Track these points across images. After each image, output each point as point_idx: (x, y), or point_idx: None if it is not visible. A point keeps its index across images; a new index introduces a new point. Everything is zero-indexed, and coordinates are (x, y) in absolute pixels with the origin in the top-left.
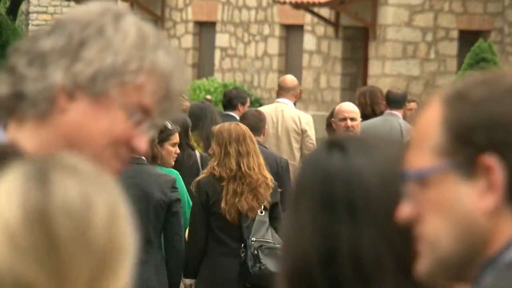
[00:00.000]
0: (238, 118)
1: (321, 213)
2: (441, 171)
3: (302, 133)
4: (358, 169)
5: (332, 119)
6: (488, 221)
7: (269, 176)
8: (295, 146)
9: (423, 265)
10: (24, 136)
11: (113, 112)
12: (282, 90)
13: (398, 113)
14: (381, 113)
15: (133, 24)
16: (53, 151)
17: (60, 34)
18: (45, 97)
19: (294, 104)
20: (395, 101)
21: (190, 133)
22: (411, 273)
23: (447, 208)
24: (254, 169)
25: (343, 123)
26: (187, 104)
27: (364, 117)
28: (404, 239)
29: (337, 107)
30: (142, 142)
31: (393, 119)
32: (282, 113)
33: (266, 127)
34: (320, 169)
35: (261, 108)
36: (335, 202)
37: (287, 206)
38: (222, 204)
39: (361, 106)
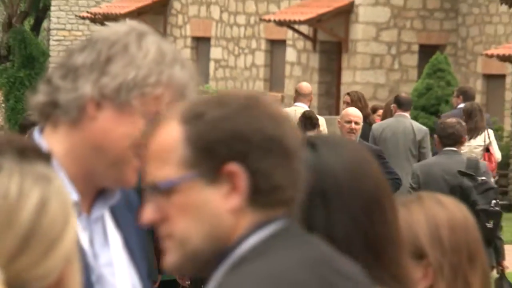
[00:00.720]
0: None
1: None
2: (188, 180)
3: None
4: (327, 163)
5: (338, 120)
6: (232, 219)
7: None
8: None
9: (172, 259)
10: (57, 139)
11: (135, 119)
12: (299, 96)
13: (407, 114)
14: (368, 115)
15: (154, 42)
16: (82, 153)
17: (91, 51)
18: (76, 106)
19: (308, 107)
20: (405, 104)
21: None
22: (378, 251)
23: (195, 210)
24: None
25: (348, 125)
26: None
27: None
28: (370, 221)
29: (344, 111)
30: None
31: (404, 120)
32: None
33: None
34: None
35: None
36: (309, 192)
37: None
38: None
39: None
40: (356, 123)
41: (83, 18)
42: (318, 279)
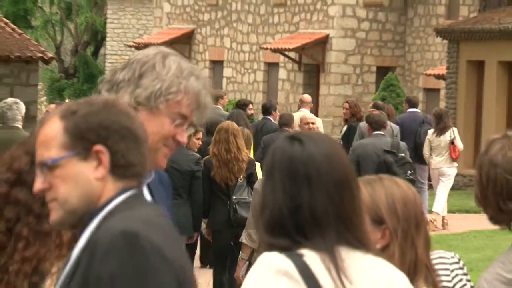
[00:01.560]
0: (273, 120)
1: (288, 182)
2: (66, 158)
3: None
4: (310, 153)
5: (298, 123)
6: (100, 185)
7: (242, 156)
8: None
9: (55, 217)
10: None
11: (162, 119)
12: (303, 103)
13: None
14: (361, 117)
15: (174, 61)
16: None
17: (128, 70)
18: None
19: (310, 111)
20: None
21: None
22: (346, 219)
23: (72, 180)
24: (222, 151)
25: (306, 126)
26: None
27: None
28: (341, 197)
29: (302, 116)
30: (183, 137)
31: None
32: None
33: (294, 123)
34: (286, 154)
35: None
36: (297, 175)
37: (264, 178)
38: (212, 173)
39: (352, 113)
40: (313, 123)
41: (130, 46)
42: (168, 227)
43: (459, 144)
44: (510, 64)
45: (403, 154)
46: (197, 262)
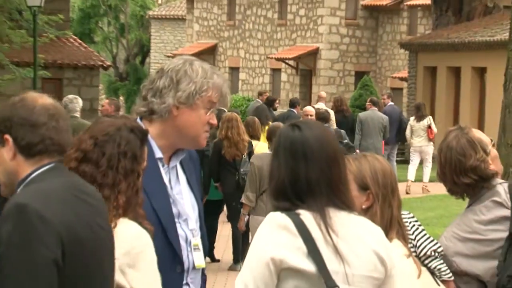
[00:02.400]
0: (296, 112)
1: (290, 159)
2: None
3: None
4: (306, 136)
5: (302, 114)
6: (13, 164)
7: (246, 138)
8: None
9: (3, 188)
10: (153, 129)
11: (199, 112)
12: (320, 98)
13: (376, 109)
14: (347, 109)
15: (198, 65)
16: (169, 134)
17: (165, 78)
18: (166, 111)
19: (324, 104)
20: (376, 104)
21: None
22: (335, 188)
23: (1, 162)
24: (235, 134)
25: (306, 117)
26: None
27: (338, 112)
28: (330, 171)
29: (304, 108)
30: (214, 120)
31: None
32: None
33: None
34: (288, 137)
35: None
36: (296, 154)
37: (272, 156)
38: (222, 152)
39: (336, 106)
40: (311, 115)
41: (168, 56)
42: (70, 193)
43: (434, 128)
44: (456, 69)
45: (346, 140)
46: (223, 217)
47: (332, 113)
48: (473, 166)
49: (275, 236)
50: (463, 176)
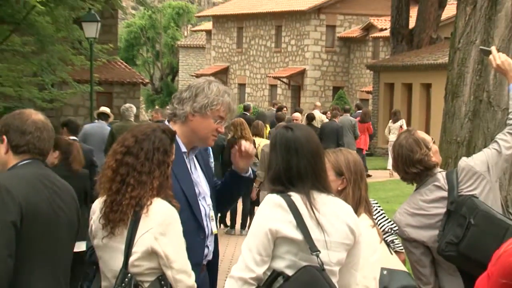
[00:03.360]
0: (248, 114)
1: (285, 153)
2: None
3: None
4: (297, 136)
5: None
6: (6, 157)
7: (251, 137)
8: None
9: None
10: (176, 129)
11: (209, 121)
12: (316, 107)
13: (348, 115)
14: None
15: (215, 85)
16: (187, 134)
17: (189, 91)
18: (183, 116)
19: (319, 111)
20: (347, 111)
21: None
22: (317, 175)
23: None
24: (247, 134)
25: (294, 121)
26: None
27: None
28: (315, 162)
29: (292, 114)
30: (222, 129)
31: (348, 117)
32: (315, 114)
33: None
34: (284, 136)
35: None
36: (290, 149)
37: (270, 150)
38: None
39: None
40: (296, 120)
41: (192, 76)
42: (37, 180)
43: (405, 128)
44: (408, 85)
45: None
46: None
47: (318, 116)
48: (419, 159)
49: (272, 212)
50: (412, 167)
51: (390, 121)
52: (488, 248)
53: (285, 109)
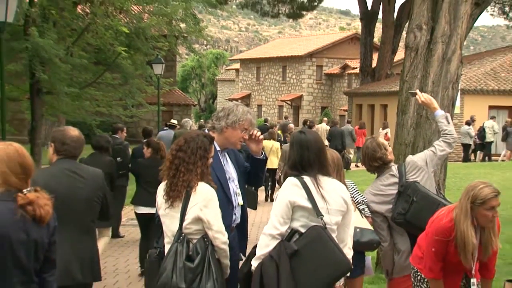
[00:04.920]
0: (268, 124)
1: (299, 149)
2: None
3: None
4: (308, 137)
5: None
6: (52, 156)
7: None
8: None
9: None
10: (215, 137)
11: (237, 132)
12: (323, 120)
13: (349, 125)
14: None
15: (241, 107)
16: (222, 140)
17: (224, 112)
18: (220, 128)
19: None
20: (336, 123)
21: None
22: (323, 165)
23: (50, 155)
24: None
25: (293, 129)
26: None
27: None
28: (320, 155)
29: (288, 125)
30: (246, 136)
31: (348, 125)
32: (323, 126)
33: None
34: (298, 137)
35: (318, 125)
36: (302, 146)
37: (289, 147)
38: None
39: (333, 123)
40: (291, 129)
41: (226, 99)
42: (61, 171)
43: (389, 134)
44: (372, 106)
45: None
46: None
47: (325, 126)
48: (379, 157)
49: (291, 189)
50: (374, 162)
51: (380, 128)
52: (425, 217)
53: (309, 122)
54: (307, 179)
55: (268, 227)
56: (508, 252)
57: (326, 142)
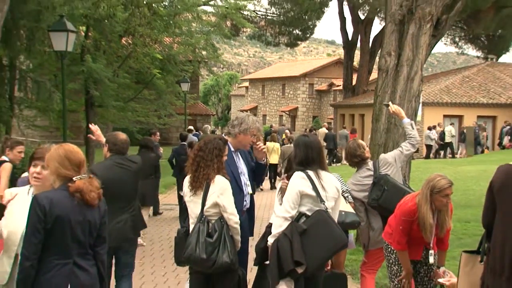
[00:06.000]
0: (273, 129)
1: (304, 148)
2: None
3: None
4: (310, 139)
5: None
6: (107, 153)
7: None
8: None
9: None
10: (230, 140)
11: (248, 137)
12: (323, 125)
13: (345, 130)
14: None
15: (251, 117)
16: (236, 143)
17: (236, 121)
18: (234, 134)
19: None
20: (330, 129)
21: None
22: (320, 161)
23: (104, 153)
24: (260, 139)
25: (290, 135)
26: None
27: (329, 130)
28: (319, 153)
29: (285, 131)
30: (254, 139)
31: (344, 130)
32: (323, 130)
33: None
34: (302, 139)
35: (319, 130)
36: (306, 146)
37: (294, 148)
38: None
39: (328, 128)
40: (287, 133)
41: (239, 110)
42: (112, 163)
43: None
44: (352, 115)
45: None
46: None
47: (324, 130)
48: (358, 154)
49: (299, 181)
50: (354, 158)
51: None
52: (394, 202)
53: (287, 131)
54: (310, 173)
55: (281, 211)
56: (458, 229)
57: (324, 143)
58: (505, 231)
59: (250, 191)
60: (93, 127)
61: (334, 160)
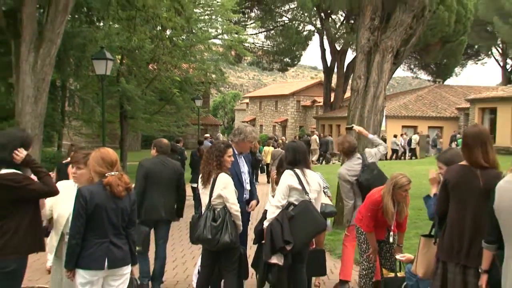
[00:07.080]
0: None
1: (292, 152)
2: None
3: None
4: (297, 144)
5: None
6: (154, 154)
7: (258, 146)
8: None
9: None
10: (234, 145)
11: (247, 144)
12: (315, 134)
13: (330, 137)
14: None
15: (249, 127)
16: (239, 147)
17: (238, 130)
18: (236, 141)
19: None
20: (324, 136)
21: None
22: (306, 162)
23: (152, 153)
24: (256, 145)
25: (283, 140)
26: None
27: (319, 137)
28: (305, 155)
29: (280, 137)
30: (252, 145)
31: (328, 137)
32: (314, 137)
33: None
34: (292, 145)
35: (312, 137)
36: (295, 150)
37: (285, 151)
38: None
39: (319, 136)
40: (282, 140)
41: (241, 122)
42: (157, 161)
43: (317, 140)
44: (330, 125)
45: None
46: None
47: (315, 137)
48: (354, 146)
49: (288, 177)
50: (351, 149)
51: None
52: (379, 183)
53: (279, 138)
54: (298, 170)
55: (274, 201)
56: (412, 215)
57: (317, 147)
58: (460, 218)
59: (249, 188)
60: None
61: (324, 161)
